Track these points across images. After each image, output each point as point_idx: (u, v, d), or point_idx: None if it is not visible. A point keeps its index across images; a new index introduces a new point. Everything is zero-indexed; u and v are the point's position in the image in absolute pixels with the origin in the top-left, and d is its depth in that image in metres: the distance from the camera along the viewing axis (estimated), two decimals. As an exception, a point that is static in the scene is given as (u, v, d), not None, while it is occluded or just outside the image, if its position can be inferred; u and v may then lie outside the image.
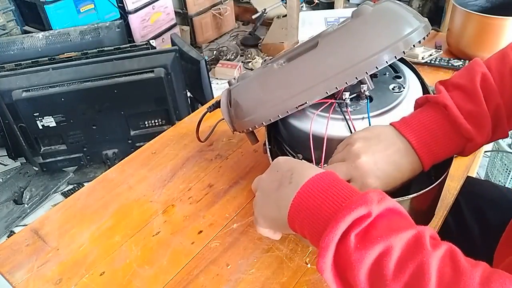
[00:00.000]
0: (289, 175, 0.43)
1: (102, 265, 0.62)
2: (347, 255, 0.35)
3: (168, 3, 2.65)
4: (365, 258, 0.34)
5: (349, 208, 0.36)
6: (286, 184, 0.43)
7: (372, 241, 0.35)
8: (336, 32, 0.55)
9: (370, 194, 0.37)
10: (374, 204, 0.36)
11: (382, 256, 0.34)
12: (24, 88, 1.58)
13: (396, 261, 0.33)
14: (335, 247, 0.36)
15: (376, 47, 0.50)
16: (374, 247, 0.34)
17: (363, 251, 0.34)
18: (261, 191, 0.47)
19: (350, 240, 0.35)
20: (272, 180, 0.45)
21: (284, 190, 0.43)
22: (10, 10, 2.29)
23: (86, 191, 0.75)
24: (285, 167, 0.45)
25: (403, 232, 0.35)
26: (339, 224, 0.35)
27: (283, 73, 0.56)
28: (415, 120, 0.51)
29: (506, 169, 1.52)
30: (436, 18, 2.49)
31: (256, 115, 0.57)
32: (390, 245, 0.34)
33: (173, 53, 1.65)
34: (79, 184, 1.91)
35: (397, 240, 0.34)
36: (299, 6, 2.12)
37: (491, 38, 0.94)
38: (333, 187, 0.39)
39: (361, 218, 0.36)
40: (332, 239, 0.36)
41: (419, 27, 0.51)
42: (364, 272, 0.34)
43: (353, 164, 0.48)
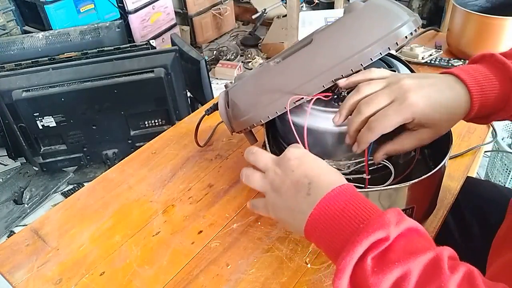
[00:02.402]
0: (306, 183, 0.42)
1: (102, 265, 0.62)
2: (364, 277, 0.35)
3: (168, 3, 2.65)
4: (382, 282, 0.34)
5: (366, 232, 0.36)
6: (304, 194, 0.42)
7: (389, 265, 0.34)
8: (330, 28, 0.56)
9: (388, 216, 0.36)
10: (392, 226, 0.36)
11: (400, 280, 0.34)
12: (24, 88, 1.57)
13: (415, 285, 0.33)
14: (352, 268, 0.36)
15: (369, 39, 0.51)
16: (392, 272, 0.34)
17: (380, 275, 0.34)
18: (275, 190, 0.45)
19: (367, 263, 0.35)
20: (288, 182, 0.44)
21: (301, 201, 0.42)
22: (10, 10, 2.29)
23: (86, 191, 0.75)
24: (301, 170, 0.44)
25: (421, 256, 0.34)
26: (356, 247, 0.35)
27: (279, 70, 0.57)
28: (461, 67, 0.51)
29: (506, 169, 1.52)
30: (436, 18, 2.49)
31: (254, 114, 0.57)
32: (408, 270, 0.34)
33: (173, 53, 1.65)
34: (79, 184, 1.91)
35: (415, 264, 0.34)
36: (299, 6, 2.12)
37: (491, 38, 0.94)
38: (351, 205, 0.39)
39: (379, 242, 0.36)
40: (348, 262, 0.36)
41: (409, 20, 0.52)
42: None
43: (397, 85, 0.47)
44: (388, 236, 0.36)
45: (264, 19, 2.94)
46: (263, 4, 2.94)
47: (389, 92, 0.48)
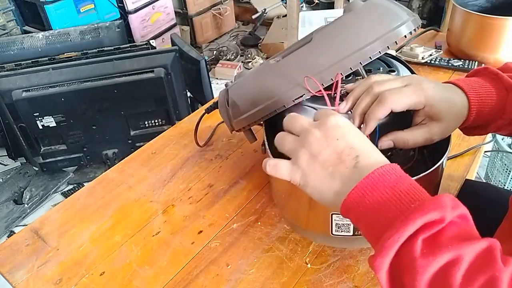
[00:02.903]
0: (353, 155, 0.40)
1: (102, 265, 0.62)
2: (410, 259, 0.33)
3: (168, 3, 2.65)
4: (430, 265, 0.33)
5: (421, 211, 0.34)
6: (349, 165, 0.39)
7: (441, 248, 0.33)
8: (329, 27, 0.56)
9: (445, 198, 0.35)
10: (448, 209, 0.34)
11: (449, 265, 0.32)
12: (24, 88, 1.58)
13: (465, 272, 0.32)
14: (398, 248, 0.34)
15: (368, 38, 0.51)
16: (443, 255, 0.33)
17: (430, 257, 0.33)
18: (312, 155, 0.41)
19: (416, 244, 0.33)
20: (330, 149, 0.40)
21: (345, 172, 0.39)
22: (10, 10, 2.29)
23: (86, 191, 0.75)
24: (346, 140, 0.40)
25: (475, 243, 0.33)
26: (408, 225, 0.34)
27: (279, 67, 0.57)
28: (461, 78, 0.54)
29: (506, 169, 1.52)
30: (436, 18, 2.49)
31: (253, 111, 0.57)
32: (460, 255, 0.32)
33: (173, 53, 1.65)
34: (79, 184, 1.91)
35: (468, 250, 0.33)
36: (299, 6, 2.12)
37: (491, 38, 0.94)
38: (401, 184, 0.37)
39: (433, 223, 0.34)
40: (397, 240, 0.34)
41: (408, 20, 0.53)
42: (426, 279, 0.33)
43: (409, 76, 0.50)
44: (444, 218, 0.34)
45: (264, 19, 2.94)
46: (263, 4, 2.94)
47: (404, 80, 0.50)
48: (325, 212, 0.55)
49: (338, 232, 0.56)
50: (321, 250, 0.61)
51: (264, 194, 0.70)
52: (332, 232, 0.56)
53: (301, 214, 0.60)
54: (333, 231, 0.56)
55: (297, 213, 0.60)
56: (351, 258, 0.59)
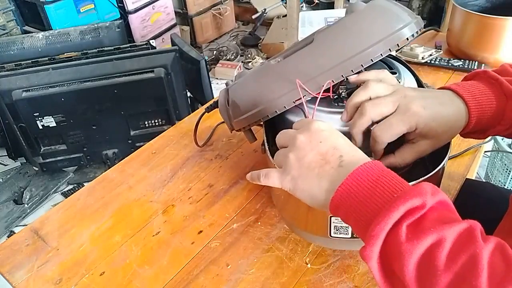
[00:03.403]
0: (337, 155, 0.42)
1: (102, 265, 0.62)
2: (397, 245, 0.35)
3: (168, 3, 2.65)
4: (416, 249, 0.34)
5: (403, 198, 0.36)
6: (334, 165, 0.41)
7: (424, 231, 0.35)
8: (331, 28, 0.56)
9: (424, 186, 0.37)
10: (428, 195, 0.36)
11: (434, 247, 0.34)
12: (24, 88, 1.58)
13: (448, 252, 0.34)
14: (385, 236, 0.36)
15: (370, 40, 0.51)
16: (426, 238, 0.34)
17: (414, 241, 0.34)
18: (298, 159, 0.43)
19: (401, 230, 0.35)
20: (314, 152, 0.43)
21: (331, 172, 0.41)
22: (10, 10, 2.29)
23: (86, 191, 0.75)
24: (329, 142, 0.43)
25: (456, 225, 0.35)
26: (392, 213, 0.35)
27: (279, 68, 0.57)
28: (456, 83, 0.53)
29: (506, 169, 1.52)
30: (436, 18, 2.49)
31: (254, 112, 0.57)
32: (443, 236, 0.34)
33: (173, 53, 1.65)
34: (79, 184, 1.91)
35: (450, 231, 0.34)
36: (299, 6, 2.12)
37: (491, 38, 0.94)
38: (384, 177, 0.39)
39: (415, 209, 0.36)
40: (383, 228, 0.36)
41: (410, 22, 0.52)
42: (413, 262, 0.34)
43: (402, 93, 0.49)
44: (425, 203, 0.36)
45: (264, 19, 2.94)
46: (263, 4, 2.94)
47: (394, 100, 0.49)
48: (324, 214, 0.55)
49: (336, 234, 0.56)
50: (321, 250, 0.61)
51: (264, 194, 0.70)
52: (330, 234, 0.56)
53: (299, 216, 0.60)
54: (332, 233, 0.56)
55: (296, 215, 0.60)
56: (351, 258, 0.59)
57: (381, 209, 0.36)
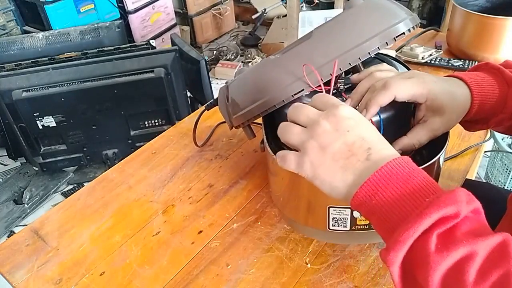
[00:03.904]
0: (365, 147, 0.39)
1: (102, 265, 0.62)
2: (424, 253, 0.33)
3: (168, 3, 2.65)
4: (444, 261, 0.32)
5: (437, 205, 0.33)
6: (361, 158, 0.39)
7: (455, 243, 0.33)
8: (329, 23, 0.57)
9: (460, 193, 0.35)
10: (463, 204, 0.34)
11: (464, 260, 0.32)
12: (24, 88, 1.58)
13: (480, 267, 0.32)
14: (412, 243, 0.34)
15: (367, 34, 0.52)
16: (457, 250, 0.32)
17: (444, 253, 0.32)
18: (322, 147, 0.40)
19: (431, 239, 0.33)
20: (340, 142, 0.39)
21: (357, 165, 0.39)
22: (10, 10, 2.29)
23: (86, 191, 0.75)
24: (357, 132, 0.39)
25: (489, 238, 0.33)
26: (424, 220, 0.33)
27: (278, 63, 0.57)
28: (464, 72, 0.54)
29: (506, 169, 1.52)
30: (436, 18, 2.49)
31: (252, 107, 0.57)
32: (474, 251, 0.32)
33: (173, 53, 1.65)
34: (79, 184, 1.91)
35: (482, 245, 0.32)
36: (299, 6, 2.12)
37: (491, 38, 0.94)
38: (415, 177, 0.36)
39: (448, 218, 0.34)
40: (411, 235, 0.33)
41: (406, 18, 0.53)
42: (440, 274, 0.33)
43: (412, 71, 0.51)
44: (459, 213, 0.34)
45: (264, 19, 2.94)
46: (263, 4, 2.94)
47: (404, 73, 0.51)
48: (323, 207, 0.55)
49: (335, 226, 0.56)
50: (321, 250, 0.61)
51: (264, 194, 0.70)
52: (329, 226, 0.56)
53: (300, 212, 0.60)
54: (330, 225, 0.56)
55: (296, 209, 0.60)
56: (351, 258, 0.59)
57: (411, 214, 0.34)
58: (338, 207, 0.55)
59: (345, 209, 0.54)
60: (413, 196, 0.35)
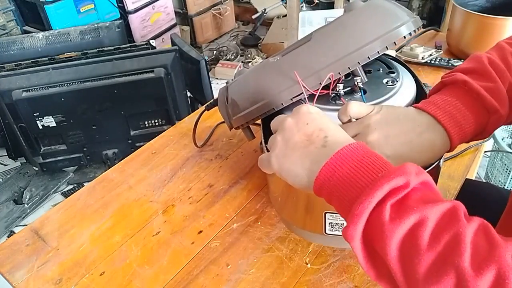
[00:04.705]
0: (322, 136, 0.42)
1: (102, 265, 0.62)
2: (380, 224, 0.35)
3: (168, 3, 2.65)
4: (399, 228, 0.34)
5: (387, 177, 0.35)
6: (318, 145, 0.42)
7: (407, 211, 0.34)
8: (329, 26, 0.56)
9: (408, 166, 0.37)
10: (412, 175, 0.36)
11: (417, 226, 0.34)
12: (24, 88, 1.58)
13: (431, 231, 0.33)
14: (368, 215, 0.36)
15: (367, 38, 0.51)
16: (409, 217, 0.34)
17: (397, 221, 0.34)
18: (285, 140, 0.44)
19: (385, 209, 0.35)
20: (300, 133, 0.43)
21: (315, 152, 0.41)
22: (10, 10, 2.29)
23: (86, 191, 0.75)
24: (315, 123, 0.43)
25: (439, 205, 0.35)
26: (376, 192, 0.35)
27: (277, 66, 0.57)
28: (437, 98, 0.50)
29: (506, 169, 1.52)
30: (436, 18, 2.49)
31: (252, 108, 0.57)
32: (426, 216, 0.34)
33: (173, 53, 1.65)
34: (79, 184, 1.91)
35: (432, 211, 0.34)
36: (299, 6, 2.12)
37: (491, 38, 0.94)
38: (368, 157, 0.39)
39: (399, 188, 0.36)
40: (366, 206, 0.35)
41: (408, 21, 0.53)
42: (396, 242, 0.34)
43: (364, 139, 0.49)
44: (408, 183, 0.36)
45: (264, 19, 2.94)
46: (263, 4, 2.94)
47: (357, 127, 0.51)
48: (320, 211, 0.55)
49: (331, 231, 0.56)
50: (321, 250, 0.61)
51: (264, 194, 0.70)
52: (325, 231, 0.56)
53: (297, 215, 0.60)
54: (327, 230, 0.56)
55: (294, 214, 0.61)
56: (351, 258, 0.59)
57: (365, 188, 0.36)
58: (334, 213, 0.55)
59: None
60: (367, 173, 0.37)
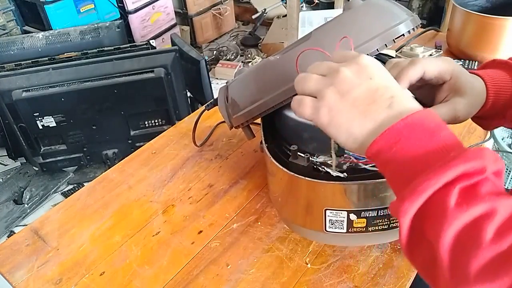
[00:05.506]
0: (388, 95, 0.37)
1: (102, 265, 0.62)
2: (442, 207, 0.31)
3: (168, 3, 2.65)
4: (463, 215, 0.30)
5: (464, 158, 0.32)
6: (383, 105, 0.37)
7: (477, 199, 0.31)
8: (328, 24, 0.57)
9: (487, 150, 0.33)
10: (490, 161, 0.32)
11: (483, 217, 0.30)
12: (24, 88, 1.58)
13: (499, 226, 0.30)
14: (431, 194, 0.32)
15: (366, 35, 0.52)
16: (478, 206, 0.31)
17: (464, 207, 0.31)
18: (342, 93, 0.38)
19: (452, 191, 0.31)
20: (362, 88, 0.37)
21: (378, 112, 0.37)
22: (10, 10, 2.29)
23: (86, 191, 0.75)
24: (382, 79, 0.38)
25: (510, 199, 0.31)
26: (448, 171, 0.31)
27: (277, 64, 0.57)
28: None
29: (506, 169, 1.52)
30: (436, 18, 2.49)
31: (252, 107, 0.57)
32: (495, 208, 0.30)
33: (173, 53, 1.65)
34: (79, 184, 1.91)
35: (505, 204, 0.31)
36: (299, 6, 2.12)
37: (491, 38, 0.94)
38: (441, 131, 0.35)
39: (473, 173, 0.32)
40: (432, 184, 0.32)
41: (407, 19, 0.53)
42: (455, 229, 0.31)
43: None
44: (485, 168, 0.32)
45: (264, 19, 2.94)
46: (263, 4, 2.94)
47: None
48: (320, 208, 0.55)
49: (332, 228, 0.56)
50: (321, 250, 0.61)
51: (264, 194, 0.70)
52: (325, 228, 0.56)
53: (298, 213, 0.60)
54: (327, 227, 0.56)
55: (295, 212, 0.60)
56: (351, 258, 0.59)
57: (434, 165, 0.32)
58: (335, 209, 0.55)
59: (341, 211, 0.54)
60: (438, 149, 0.33)
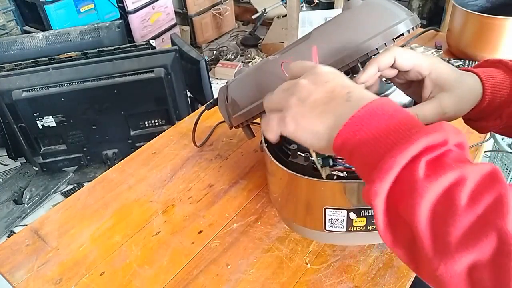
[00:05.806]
0: (345, 92, 0.38)
1: (102, 265, 0.62)
2: (411, 181, 0.31)
3: (168, 3, 2.65)
4: (434, 186, 0.31)
5: (424, 132, 0.32)
6: (341, 101, 0.37)
7: (444, 168, 0.31)
8: (328, 24, 0.57)
9: (445, 123, 0.34)
10: (451, 133, 0.33)
11: (454, 185, 0.31)
12: (24, 88, 1.58)
13: (471, 191, 0.30)
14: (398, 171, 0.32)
15: (366, 35, 0.52)
16: (446, 175, 0.31)
17: (432, 178, 0.31)
18: (301, 100, 0.39)
19: (419, 165, 0.31)
20: (319, 90, 0.39)
21: (337, 107, 0.37)
22: (10, 10, 2.29)
23: (86, 191, 0.75)
24: (337, 81, 0.39)
25: (478, 165, 0.31)
26: (411, 146, 0.32)
27: (277, 64, 0.57)
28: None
29: (506, 169, 1.52)
30: (436, 18, 2.49)
31: (252, 107, 0.57)
32: (464, 175, 0.31)
33: (173, 53, 1.65)
34: (79, 184, 1.91)
35: (472, 170, 0.31)
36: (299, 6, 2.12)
37: (491, 38, 0.94)
38: (399, 114, 0.35)
39: (436, 146, 0.32)
40: (398, 161, 0.32)
41: (406, 18, 0.53)
42: (429, 202, 0.31)
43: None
44: (447, 140, 0.32)
45: (264, 19, 2.94)
46: (263, 4, 2.94)
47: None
48: (320, 207, 0.55)
49: (331, 227, 0.56)
50: (321, 250, 0.61)
51: (264, 194, 0.70)
52: (325, 227, 0.56)
53: (298, 212, 0.60)
54: (327, 226, 0.56)
55: (295, 211, 0.61)
56: (351, 258, 0.59)
57: (396, 144, 0.33)
58: (334, 208, 0.55)
59: (341, 210, 0.54)
60: (399, 129, 0.34)
